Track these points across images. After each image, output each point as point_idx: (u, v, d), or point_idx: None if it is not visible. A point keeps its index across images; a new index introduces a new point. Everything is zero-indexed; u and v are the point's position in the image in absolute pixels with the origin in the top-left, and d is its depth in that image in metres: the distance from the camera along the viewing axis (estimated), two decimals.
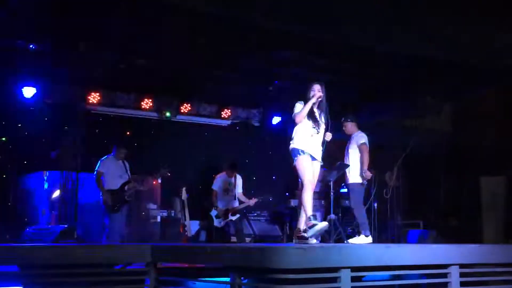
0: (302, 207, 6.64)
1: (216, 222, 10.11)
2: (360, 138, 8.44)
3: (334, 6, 7.97)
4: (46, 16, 8.20)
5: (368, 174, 8.32)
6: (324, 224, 6.46)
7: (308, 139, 6.64)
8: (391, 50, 9.75)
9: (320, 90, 6.71)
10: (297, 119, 6.66)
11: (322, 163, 6.80)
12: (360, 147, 8.35)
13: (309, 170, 6.62)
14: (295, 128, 6.75)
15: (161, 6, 8.01)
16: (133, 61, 9.87)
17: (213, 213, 10.16)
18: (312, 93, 6.69)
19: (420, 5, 7.97)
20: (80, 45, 8.83)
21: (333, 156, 8.49)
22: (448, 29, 8.66)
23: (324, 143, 6.74)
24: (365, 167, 8.28)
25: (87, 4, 7.88)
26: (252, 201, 10.17)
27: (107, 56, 9.48)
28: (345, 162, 8.54)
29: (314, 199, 9.03)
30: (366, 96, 11.48)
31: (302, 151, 6.60)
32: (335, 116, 7.03)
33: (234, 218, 10.08)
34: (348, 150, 8.54)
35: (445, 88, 11.01)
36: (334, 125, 6.86)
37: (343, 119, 8.68)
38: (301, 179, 6.66)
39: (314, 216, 6.55)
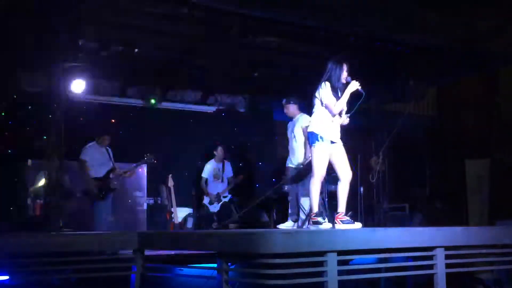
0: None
1: (211, 208, 10.24)
2: (305, 120, 8.19)
3: None
4: (27, 3, 8.12)
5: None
6: (329, 225, 6.36)
7: (329, 123, 6.36)
8: (374, 35, 9.75)
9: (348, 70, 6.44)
10: (334, 111, 6.32)
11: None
12: (304, 130, 8.14)
13: (324, 162, 6.33)
14: (316, 110, 6.46)
15: None
16: (117, 48, 9.80)
17: (206, 200, 10.26)
18: (340, 74, 6.40)
19: None
20: (62, 32, 8.74)
21: None
22: (430, 13, 8.67)
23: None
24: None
25: None
26: (238, 179, 10.56)
27: (90, 44, 9.41)
28: (291, 146, 8.45)
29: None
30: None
31: (321, 137, 6.30)
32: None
33: (226, 199, 10.25)
34: (293, 133, 8.38)
35: (429, 73, 11.04)
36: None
37: (284, 100, 8.50)
38: (313, 167, 6.42)
39: (321, 213, 6.47)
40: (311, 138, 6.41)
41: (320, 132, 6.34)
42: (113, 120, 11.35)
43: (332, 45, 9.86)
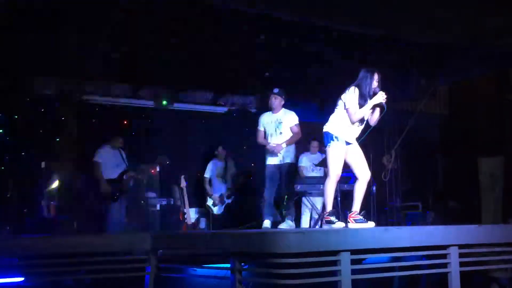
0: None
1: (214, 210, 10.17)
2: (294, 118, 8.26)
3: None
4: (39, 5, 8.17)
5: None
6: (342, 225, 6.35)
7: (347, 126, 6.33)
8: (384, 33, 9.73)
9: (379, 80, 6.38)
10: (353, 118, 6.27)
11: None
12: (294, 128, 8.20)
13: (340, 162, 6.31)
14: (338, 111, 6.39)
15: None
16: (128, 50, 9.84)
17: (209, 201, 10.20)
18: (370, 83, 6.34)
19: None
20: (73, 35, 8.79)
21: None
22: (441, 11, 8.64)
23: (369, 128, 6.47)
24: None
25: None
26: (242, 178, 10.44)
27: (101, 46, 9.45)
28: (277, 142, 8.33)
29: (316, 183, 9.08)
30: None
31: (336, 137, 6.27)
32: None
33: (229, 201, 10.15)
34: (278, 130, 8.30)
35: (440, 71, 11.01)
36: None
37: (277, 90, 8.39)
38: (328, 167, 6.40)
39: (335, 212, 6.46)
40: (326, 138, 6.38)
41: (336, 133, 6.31)
42: (125, 122, 11.40)
43: (343, 45, 9.86)
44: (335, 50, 10.03)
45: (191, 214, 10.50)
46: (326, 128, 6.41)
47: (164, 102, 11.56)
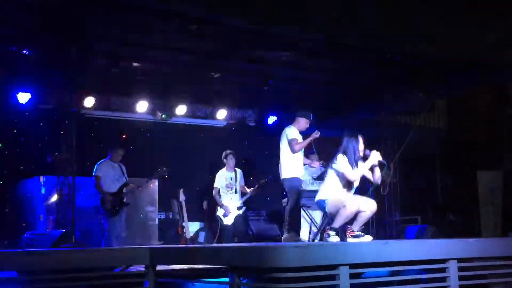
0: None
1: (225, 221, 10.00)
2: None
3: (324, 6, 7.96)
4: (39, 21, 8.20)
5: None
6: (337, 239, 6.41)
7: (339, 190, 6.52)
8: (383, 48, 9.76)
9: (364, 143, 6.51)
10: (352, 178, 6.40)
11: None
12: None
13: (346, 197, 6.47)
14: (329, 178, 6.55)
15: (152, 10, 8.03)
16: (127, 64, 9.86)
17: (220, 212, 10.06)
18: (357, 148, 6.46)
19: (411, 3, 7.98)
20: (73, 50, 8.81)
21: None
22: (440, 25, 8.67)
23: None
24: None
25: (79, 8, 7.89)
26: (252, 190, 9.99)
27: (100, 60, 9.47)
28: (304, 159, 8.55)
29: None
30: (360, 94, 11.48)
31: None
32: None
33: (240, 212, 9.99)
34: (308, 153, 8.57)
35: (439, 85, 11.03)
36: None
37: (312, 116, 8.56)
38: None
39: (335, 229, 6.49)
40: (321, 205, 6.57)
41: (328, 196, 6.48)
42: (124, 136, 11.41)
43: (341, 59, 9.89)
44: (332, 64, 10.06)
45: (190, 228, 10.46)
46: (320, 196, 6.57)
47: (163, 116, 11.57)
